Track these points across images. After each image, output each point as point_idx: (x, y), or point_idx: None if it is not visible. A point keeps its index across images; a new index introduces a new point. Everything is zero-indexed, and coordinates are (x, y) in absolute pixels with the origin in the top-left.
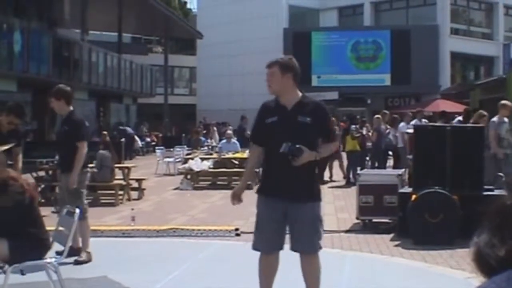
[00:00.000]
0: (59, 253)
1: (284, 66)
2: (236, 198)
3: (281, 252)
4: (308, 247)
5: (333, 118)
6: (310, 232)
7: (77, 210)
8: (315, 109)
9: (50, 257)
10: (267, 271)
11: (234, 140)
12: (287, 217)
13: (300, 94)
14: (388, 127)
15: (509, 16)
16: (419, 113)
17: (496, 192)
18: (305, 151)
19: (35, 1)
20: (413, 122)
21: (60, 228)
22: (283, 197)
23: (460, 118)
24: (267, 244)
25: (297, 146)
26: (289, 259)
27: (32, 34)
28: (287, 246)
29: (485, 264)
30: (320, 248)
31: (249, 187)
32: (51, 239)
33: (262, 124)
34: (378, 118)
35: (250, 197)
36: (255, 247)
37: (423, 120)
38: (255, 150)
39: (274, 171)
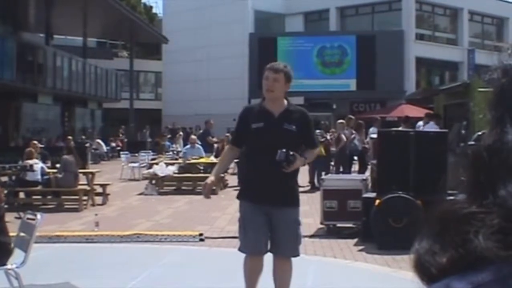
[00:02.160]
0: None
1: (288, 76)
2: (209, 189)
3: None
4: (288, 252)
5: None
6: (291, 236)
7: (39, 216)
8: (300, 118)
9: (11, 263)
10: (253, 273)
11: (198, 145)
12: (270, 221)
13: (286, 102)
14: (353, 132)
15: (473, 22)
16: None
17: (460, 196)
18: (298, 158)
19: None
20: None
21: (21, 234)
22: (267, 201)
23: (421, 123)
24: (253, 247)
25: (291, 153)
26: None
27: None
28: None
29: (425, 272)
30: (299, 253)
31: (213, 193)
32: (12, 245)
33: (246, 128)
34: (341, 123)
35: (214, 202)
36: (241, 250)
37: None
38: (233, 151)
39: (259, 176)
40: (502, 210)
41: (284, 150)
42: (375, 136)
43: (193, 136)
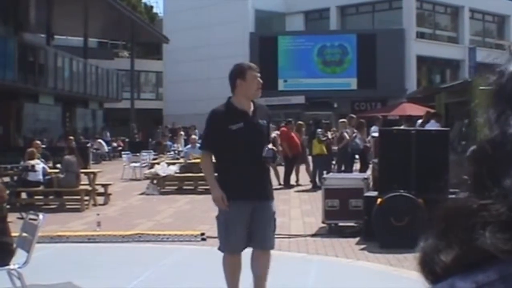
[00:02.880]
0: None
1: None
2: (224, 203)
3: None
4: (268, 244)
5: (300, 122)
6: (270, 229)
7: (41, 216)
8: (266, 114)
9: (13, 263)
10: (235, 270)
11: (198, 144)
12: (252, 217)
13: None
14: (355, 131)
15: (474, 20)
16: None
17: (462, 195)
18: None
19: (0, 5)
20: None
21: (24, 234)
22: (253, 197)
23: (420, 121)
24: (236, 246)
25: (275, 149)
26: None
27: None
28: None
29: (430, 271)
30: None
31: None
32: (14, 245)
33: (222, 131)
34: (343, 122)
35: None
36: (224, 249)
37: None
38: (210, 157)
39: (244, 175)
40: (507, 200)
41: (269, 146)
42: (376, 135)
43: (193, 136)
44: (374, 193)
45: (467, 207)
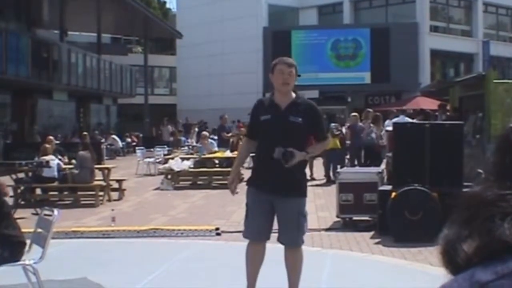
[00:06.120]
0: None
1: (297, 70)
2: (234, 186)
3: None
4: (289, 241)
5: (338, 115)
6: (292, 226)
7: (55, 212)
8: (306, 110)
9: (28, 259)
10: (254, 259)
11: (210, 140)
12: (275, 211)
13: (294, 95)
14: (371, 125)
15: (488, 13)
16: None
17: (481, 185)
18: (296, 154)
19: (14, 2)
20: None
21: (39, 230)
22: (270, 191)
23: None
24: (255, 233)
25: (289, 150)
26: (274, 255)
27: (10, 35)
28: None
29: (451, 261)
30: (302, 242)
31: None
32: (28, 241)
33: (256, 120)
34: (355, 116)
35: (229, 197)
36: (245, 235)
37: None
38: (249, 144)
39: (263, 166)
40: None
41: (281, 147)
42: (390, 129)
43: (204, 133)
44: (389, 187)
45: (488, 196)
